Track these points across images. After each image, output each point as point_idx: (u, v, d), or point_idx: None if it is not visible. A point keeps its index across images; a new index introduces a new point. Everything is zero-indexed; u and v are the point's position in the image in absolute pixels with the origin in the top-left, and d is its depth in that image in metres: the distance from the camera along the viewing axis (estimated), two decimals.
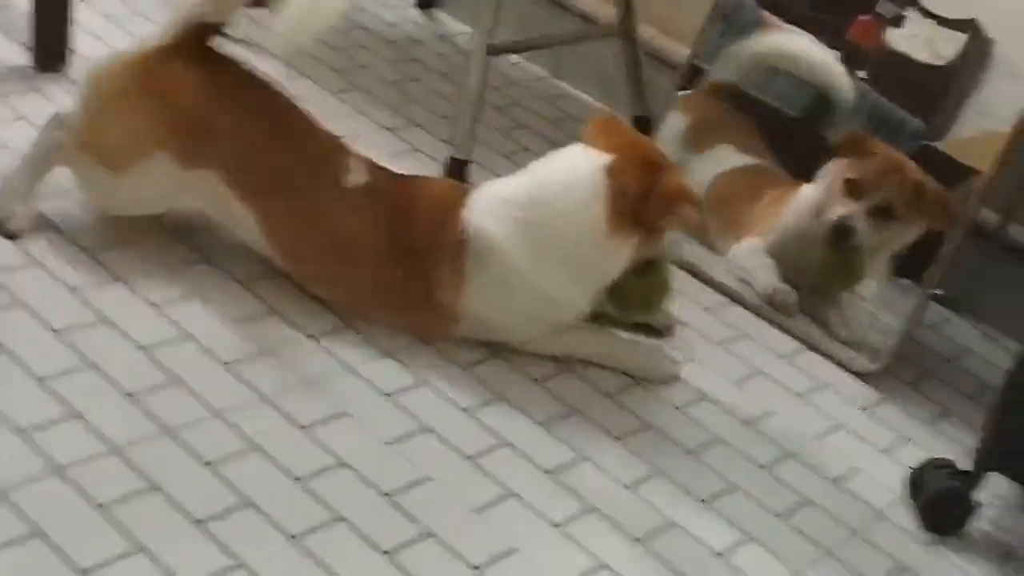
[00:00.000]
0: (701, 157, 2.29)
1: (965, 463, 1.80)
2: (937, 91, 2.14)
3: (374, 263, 1.83)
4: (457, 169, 2.25)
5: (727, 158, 2.28)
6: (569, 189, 1.79)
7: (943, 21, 2.13)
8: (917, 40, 2.14)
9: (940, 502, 1.79)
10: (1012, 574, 1.77)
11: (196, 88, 1.79)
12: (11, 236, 1.81)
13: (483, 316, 1.84)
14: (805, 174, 2.18)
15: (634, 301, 1.92)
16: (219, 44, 1.86)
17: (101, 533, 1.43)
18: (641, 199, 1.77)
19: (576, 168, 1.81)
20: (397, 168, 1.93)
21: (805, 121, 2.28)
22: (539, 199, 1.81)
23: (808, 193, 2.16)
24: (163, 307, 1.79)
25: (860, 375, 2.08)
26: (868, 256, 2.11)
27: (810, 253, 2.13)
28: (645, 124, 2.55)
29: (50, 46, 2.24)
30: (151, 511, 1.48)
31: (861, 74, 2.20)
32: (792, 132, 2.29)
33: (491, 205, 1.82)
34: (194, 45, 1.81)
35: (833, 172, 2.12)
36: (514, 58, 2.74)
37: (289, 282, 1.88)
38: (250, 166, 1.81)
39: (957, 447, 1.97)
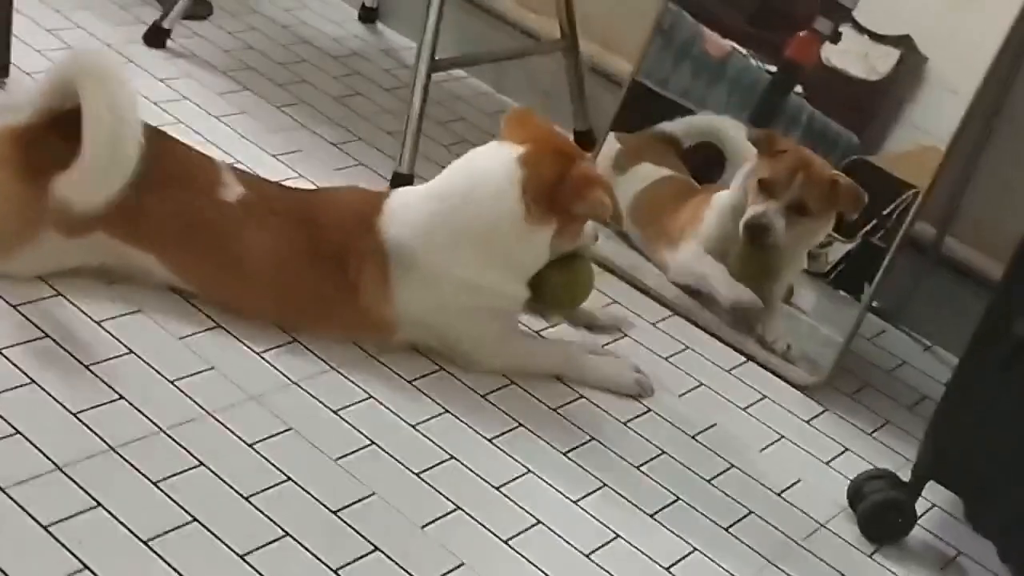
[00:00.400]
0: (625, 177, 2.33)
1: (905, 473, 1.83)
2: (871, 106, 2.16)
3: (282, 275, 1.82)
4: (401, 184, 2.26)
5: (647, 174, 2.33)
6: (484, 179, 1.81)
7: (877, 37, 2.16)
8: (852, 56, 2.18)
9: (881, 512, 1.82)
10: None
11: (67, 158, 1.70)
12: None
13: (417, 318, 1.84)
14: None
15: (553, 297, 1.92)
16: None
17: (47, 552, 1.41)
18: (554, 185, 1.79)
19: (490, 159, 1.83)
20: (340, 183, 1.93)
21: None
22: (455, 191, 1.83)
23: (724, 197, 2.20)
24: (107, 324, 1.77)
25: (801, 387, 2.10)
26: (786, 253, 2.15)
27: (733, 254, 2.17)
28: (588, 138, 2.58)
29: None
30: (96, 530, 1.46)
31: (797, 89, 2.23)
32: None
33: (407, 206, 1.84)
34: (53, 118, 1.74)
35: (748, 173, 2.16)
36: (458, 73, 2.75)
37: None
38: (132, 212, 1.75)
39: (897, 457, 2.00)
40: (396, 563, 1.55)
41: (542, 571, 1.60)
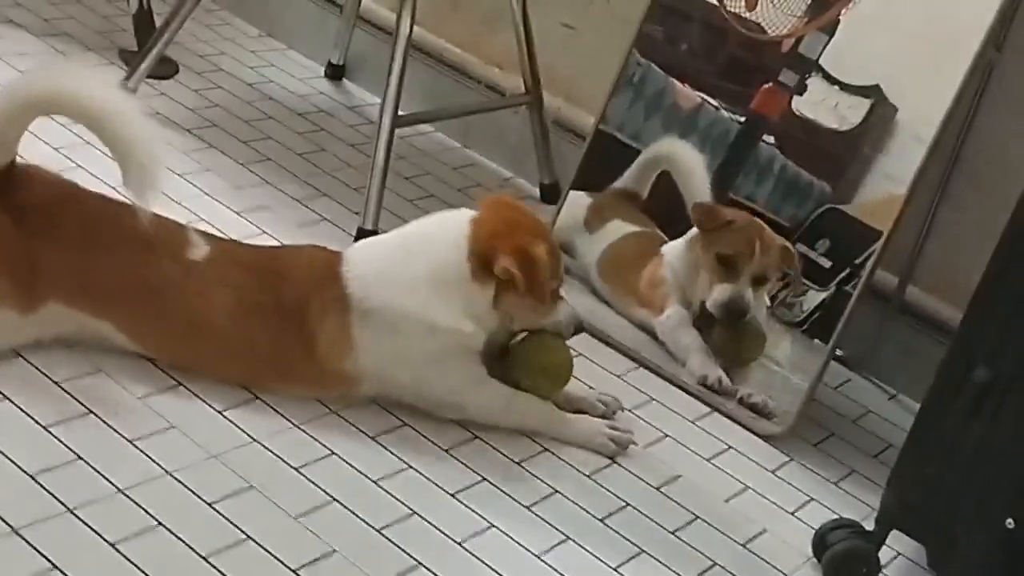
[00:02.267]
0: (596, 235, 2.36)
1: (871, 522, 1.83)
2: (843, 155, 2.18)
3: (243, 332, 1.82)
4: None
5: (616, 229, 2.35)
6: (442, 231, 1.88)
7: (847, 87, 2.19)
8: (823, 106, 2.20)
9: (845, 562, 1.81)
10: None
11: (7, 234, 1.72)
12: None
13: (380, 368, 1.84)
14: None
15: (527, 377, 1.93)
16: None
17: None
18: (486, 247, 1.84)
19: (449, 218, 1.91)
20: (306, 240, 1.93)
21: (712, 184, 2.32)
22: (416, 239, 1.89)
23: (674, 251, 2.23)
24: (65, 384, 1.77)
25: (766, 437, 2.11)
26: (751, 322, 2.17)
27: (714, 336, 2.19)
28: (554, 190, 2.60)
29: None
30: None
31: (770, 139, 2.25)
32: None
33: (369, 253, 1.89)
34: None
35: (696, 247, 2.19)
36: (425, 128, 2.76)
37: None
38: (88, 280, 1.76)
39: (863, 507, 1.99)
40: None
41: None
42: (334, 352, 1.83)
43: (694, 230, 2.22)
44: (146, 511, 1.60)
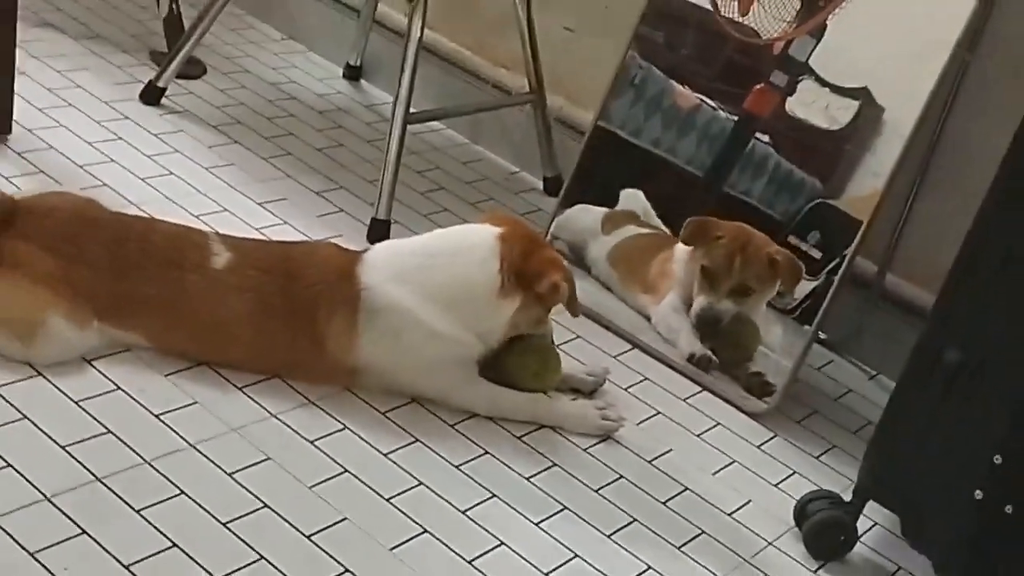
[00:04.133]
0: (611, 236, 2.35)
1: (848, 494, 1.83)
2: (833, 153, 2.17)
3: (260, 328, 1.81)
4: (379, 229, 2.26)
5: (631, 230, 2.34)
6: (471, 247, 1.86)
7: (837, 89, 2.18)
8: (814, 107, 2.19)
9: (824, 531, 1.81)
10: None
11: (42, 259, 1.72)
12: None
13: (379, 365, 1.83)
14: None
15: (517, 377, 1.93)
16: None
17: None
18: (525, 263, 1.84)
19: (474, 232, 1.89)
20: (323, 229, 1.92)
21: (705, 178, 2.31)
22: (442, 251, 1.87)
23: (684, 251, 2.21)
24: (96, 362, 1.77)
25: (753, 415, 2.10)
26: (746, 325, 2.16)
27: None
28: (556, 183, 2.59)
29: None
30: (82, 556, 1.46)
31: (765, 138, 2.24)
32: (693, 188, 2.32)
33: (389, 257, 1.87)
34: (8, 217, 1.74)
35: (689, 259, 2.19)
36: (436, 125, 2.76)
37: None
38: (118, 298, 1.76)
39: (842, 479, 1.99)
40: None
41: None
42: (340, 347, 1.82)
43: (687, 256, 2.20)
44: (170, 480, 1.60)
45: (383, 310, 1.81)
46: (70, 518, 1.50)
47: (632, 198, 2.36)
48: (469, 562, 1.62)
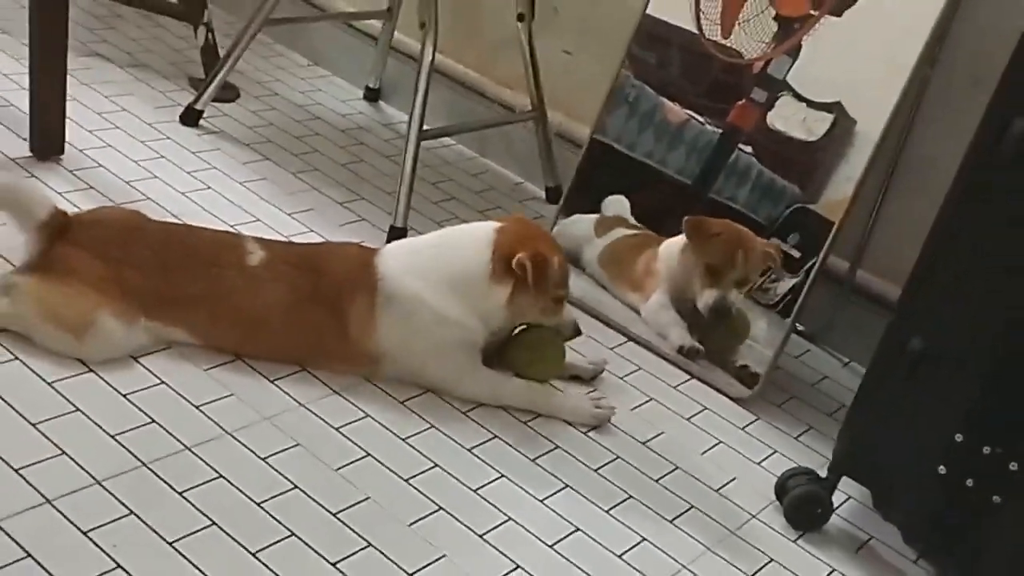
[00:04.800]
0: (603, 238, 2.35)
1: (824, 470, 1.82)
2: (810, 162, 2.17)
3: (290, 319, 1.82)
4: (396, 236, 2.27)
5: (619, 232, 2.34)
6: (469, 238, 1.88)
7: (813, 104, 2.17)
8: (793, 120, 2.19)
9: (803, 504, 1.81)
10: (865, 561, 1.79)
11: (93, 263, 1.73)
12: None
13: (393, 348, 1.84)
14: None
15: (522, 366, 1.93)
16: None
17: (85, 556, 1.42)
18: (511, 250, 1.84)
19: (476, 227, 1.91)
20: (346, 237, 1.92)
21: (693, 186, 2.31)
22: (444, 243, 1.89)
23: (671, 249, 2.20)
24: (142, 359, 1.78)
25: (737, 400, 2.10)
26: (740, 310, 2.16)
27: (700, 331, 2.18)
28: (556, 192, 2.59)
29: (48, 138, 2.23)
30: (129, 535, 1.46)
31: (747, 149, 2.24)
32: (683, 195, 2.32)
33: (404, 250, 1.90)
34: (63, 229, 1.75)
35: (688, 256, 2.17)
36: (447, 141, 2.76)
37: None
38: (163, 296, 1.76)
39: (819, 457, 1.99)
40: (387, 556, 1.54)
41: (513, 561, 1.60)
42: (362, 332, 1.83)
43: (685, 253, 2.19)
44: (209, 465, 1.61)
45: (397, 296, 1.83)
46: (119, 500, 1.51)
47: (616, 203, 2.36)
48: (480, 536, 1.63)
